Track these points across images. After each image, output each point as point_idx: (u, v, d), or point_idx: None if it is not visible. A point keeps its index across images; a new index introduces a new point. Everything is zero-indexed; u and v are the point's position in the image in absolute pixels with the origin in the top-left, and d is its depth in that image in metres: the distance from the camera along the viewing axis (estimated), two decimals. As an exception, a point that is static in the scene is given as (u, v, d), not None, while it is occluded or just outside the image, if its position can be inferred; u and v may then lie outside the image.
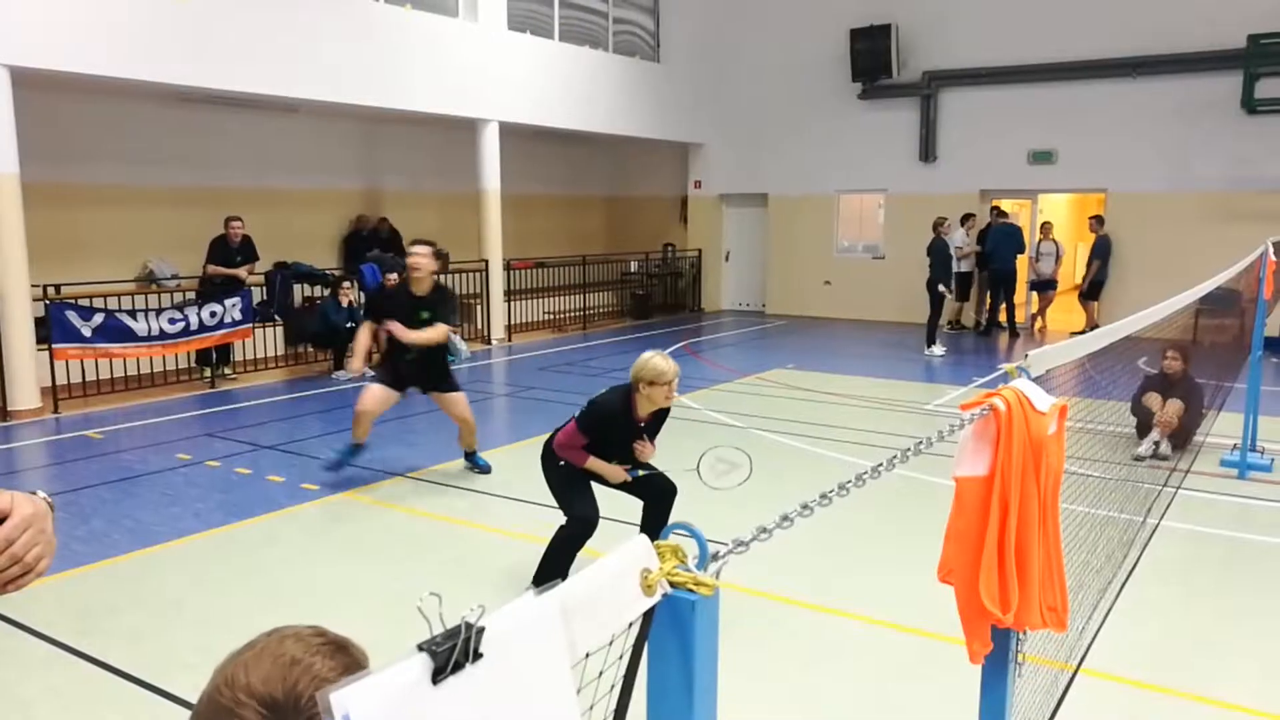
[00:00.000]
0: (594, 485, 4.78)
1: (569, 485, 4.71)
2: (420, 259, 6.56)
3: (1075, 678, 3.85)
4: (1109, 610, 4.52)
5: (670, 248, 18.67)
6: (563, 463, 4.70)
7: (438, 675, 0.74)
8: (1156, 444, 7.24)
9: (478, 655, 0.76)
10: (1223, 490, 6.69)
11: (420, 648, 0.74)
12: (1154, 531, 5.66)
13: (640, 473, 4.71)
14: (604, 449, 4.65)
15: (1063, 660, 3.59)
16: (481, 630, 0.77)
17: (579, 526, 4.63)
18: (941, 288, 13.05)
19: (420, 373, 6.81)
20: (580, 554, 4.71)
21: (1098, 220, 14.54)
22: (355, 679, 0.69)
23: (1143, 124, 14.32)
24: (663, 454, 4.81)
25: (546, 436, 4.83)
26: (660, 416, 4.79)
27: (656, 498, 4.80)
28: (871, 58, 16.11)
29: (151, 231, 11.98)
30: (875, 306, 16.65)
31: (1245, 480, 6.89)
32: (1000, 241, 14.80)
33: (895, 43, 15.94)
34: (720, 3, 17.80)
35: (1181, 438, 7.42)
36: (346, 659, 1.01)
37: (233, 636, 1.02)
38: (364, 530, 5.98)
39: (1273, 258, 7.14)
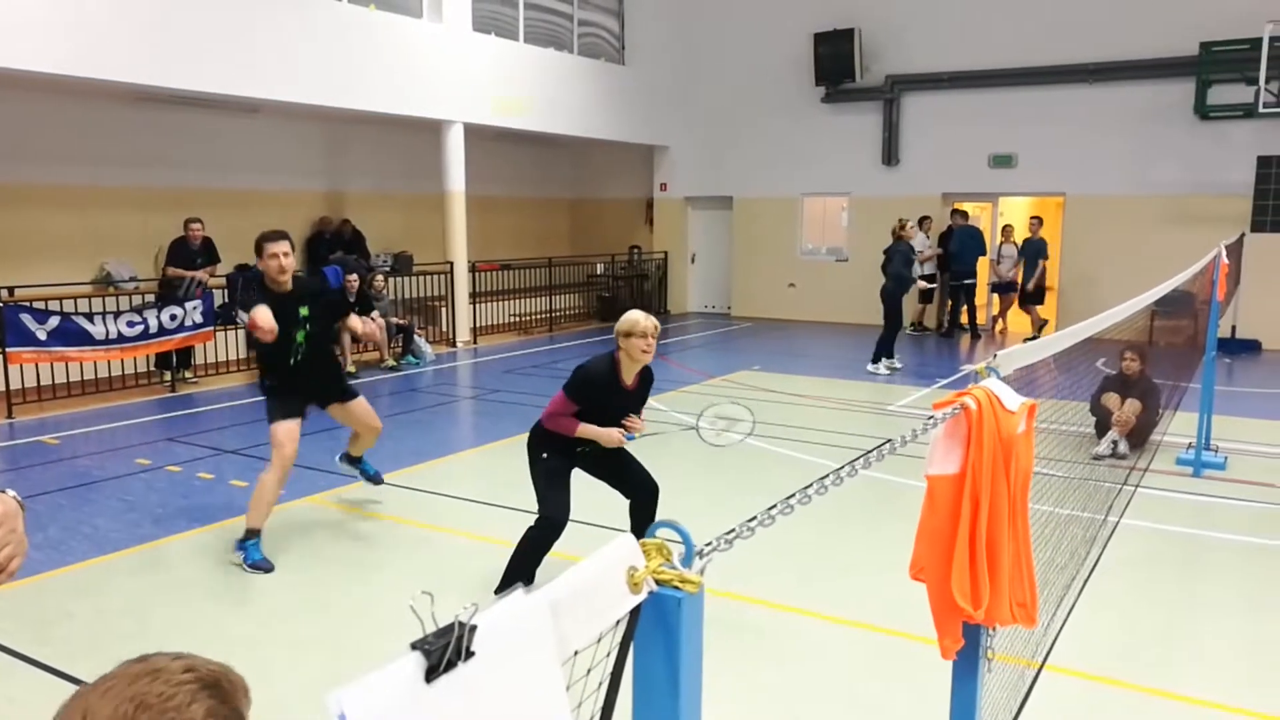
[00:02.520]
0: (575, 475, 4.79)
1: (549, 480, 4.71)
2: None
3: (1040, 673, 3.91)
4: (1072, 607, 4.59)
5: (636, 250, 18.69)
6: (546, 455, 4.70)
7: (431, 674, 0.74)
8: (1115, 443, 7.38)
9: (470, 654, 0.77)
10: (1179, 488, 6.83)
11: (414, 646, 0.74)
12: (1114, 529, 5.77)
13: (635, 435, 4.72)
14: (594, 419, 4.65)
15: (1028, 656, 3.64)
16: (474, 629, 0.77)
17: (546, 527, 4.62)
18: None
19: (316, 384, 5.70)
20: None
21: (1037, 221, 14.71)
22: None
23: (1100, 129, 14.59)
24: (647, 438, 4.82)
25: (526, 434, 4.81)
26: (645, 386, 4.81)
27: (641, 492, 4.81)
28: (835, 61, 16.25)
29: (109, 233, 11.76)
30: (839, 309, 16.77)
31: (1200, 478, 7.04)
32: (962, 244, 14.99)
33: (858, 47, 16.09)
34: (685, 6, 17.86)
35: (1139, 437, 7.56)
36: (212, 700, 0.94)
37: (194, 645, 1.00)
38: (330, 535, 5.92)
39: (1225, 260, 7.31)
